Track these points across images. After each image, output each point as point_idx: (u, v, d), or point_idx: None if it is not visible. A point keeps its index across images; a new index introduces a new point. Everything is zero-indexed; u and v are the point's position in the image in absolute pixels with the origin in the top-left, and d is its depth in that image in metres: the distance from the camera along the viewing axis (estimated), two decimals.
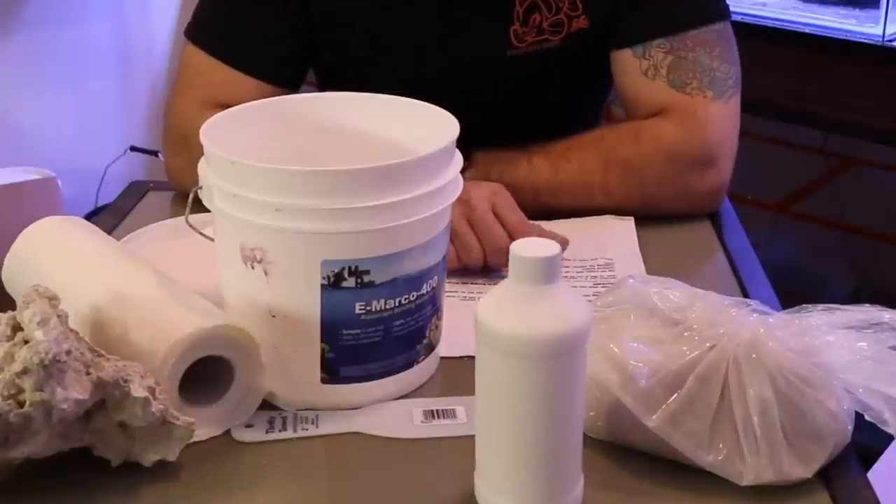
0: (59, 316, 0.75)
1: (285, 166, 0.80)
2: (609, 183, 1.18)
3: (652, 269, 1.09)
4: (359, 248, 0.81)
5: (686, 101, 1.20)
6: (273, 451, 0.82)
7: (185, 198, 0.88)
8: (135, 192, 1.31)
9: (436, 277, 0.86)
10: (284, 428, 0.84)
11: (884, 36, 2.21)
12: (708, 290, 0.84)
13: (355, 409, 0.86)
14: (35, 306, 0.75)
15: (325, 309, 0.82)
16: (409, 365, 0.87)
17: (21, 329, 0.76)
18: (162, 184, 1.33)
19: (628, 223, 1.17)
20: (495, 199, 1.07)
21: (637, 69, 1.22)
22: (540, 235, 1.05)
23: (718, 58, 1.21)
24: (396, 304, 0.84)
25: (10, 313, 0.78)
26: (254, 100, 1.03)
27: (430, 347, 0.89)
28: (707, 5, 1.24)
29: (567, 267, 1.09)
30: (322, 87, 1.38)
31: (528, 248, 0.69)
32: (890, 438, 1.48)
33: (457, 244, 1.04)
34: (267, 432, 0.84)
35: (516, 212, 1.08)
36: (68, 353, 0.74)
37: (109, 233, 1.10)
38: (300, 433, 0.84)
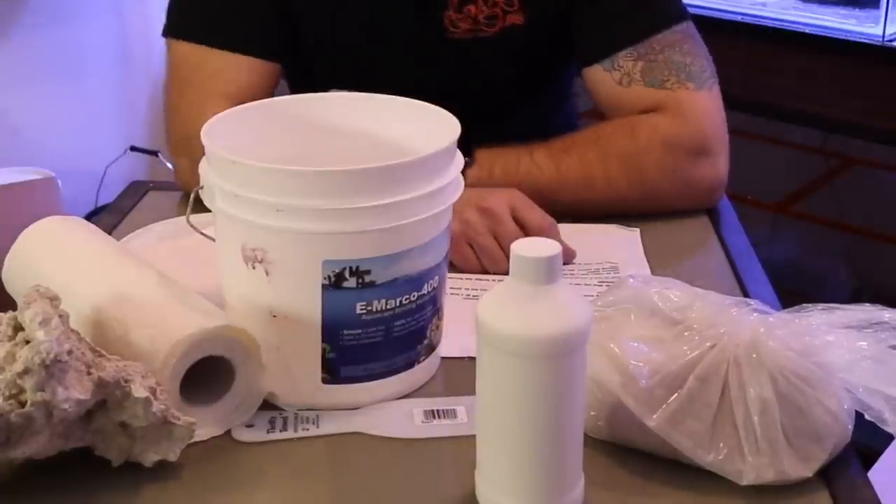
0: (60, 316, 0.76)
1: (286, 166, 0.80)
2: (610, 176, 1.18)
3: (653, 270, 1.09)
4: (360, 249, 0.81)
5: (670, 96, 1.20)
6: (274, 451, 0.82)
7: (186, 198, 0.88)
8: (135, 192, 1.31)
9: (437, 277, 0.86)
10: (285, 428, 0.84)
11: (884, 36, 2.21)
12: (708, 289, 0.84)
13: (356, 409, 0.86)
14: (36, 306, 0.75)
15: (325, 309, 0.82)
16: (409, 365, 0.87)
17: (22, 329, 0.76)
18: (162, 184, 1.33)
19: (634, 233, 1.17)
20: (514, 203, 1.08)
21: (610, 81, 1.23)
22: (557, 237, 1.05)
23: (689, 53, 1.21)
24: (397, 304, 0.84)
25: (11, 313, 0.78)
26: (248, 81, 1.04)
27: (431, 348, 0.89)
28: (667, 8, 1.24)
29: (573, 270, 1.09)
30: (286, 75, 1.38)
31: (528, 248, 0.69)
32: (890, 438, 1.48)
33: (482, 255, 1.07)
34: (268, 432, 0.84)
35: (535, 209, 1.09)
36: (69, 353, 0.74)
37: (109, 233, 1.10)
38: (301, 433, 0.84)
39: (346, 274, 0.81)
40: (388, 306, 0.83)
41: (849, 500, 0.77)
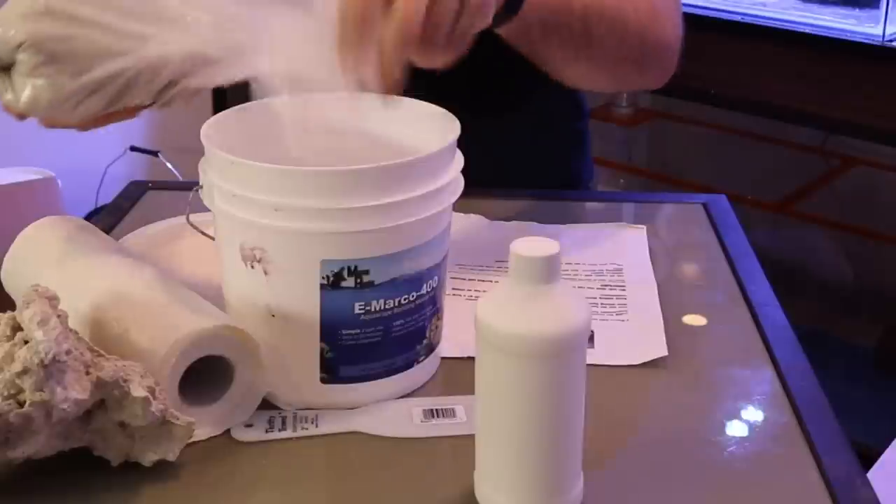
0: (58, 316, 0.76)
1: (285, 166, 0.80)
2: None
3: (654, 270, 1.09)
4: (358, 248, 0.81)
5: None
6: (273, 451, 0.82)
7: (187, 191, 0.88)
8: (134, 192, 1.30)
9: (436, 278, 0.86)
10: (284, 427, 0.84)
11: (884, 36, 2.22)
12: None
13: (355, 408, 0.86)
14: (35, 306, 0.75)
15: (324, 309, 0.82)
16: (409, 365, 0.87)
17: (21, 329, 0.76)
18: (161, 183, 1.33)
19: (640, 231, 1.17)
20: None
21: None
22: None
23: None
24: (396, 304, 0.84)
25: (9, 313, 0.78)
26: None
27: (431, 348, 0.89)
28: None
29: (576, 271, 1.09)
30: None
31: (528, 248, 0.69)
32: (890, 438, 1.47)
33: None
34: (267, 432, 0.84)
35: None
36: (68, 352, 0.74)
37: (109, 233, 1.10)
38: (300, 433, 0.84)
39: (345, 274, 0.81)
40: (387, 306, 0.83)
41: (849, 500, 0.77)
